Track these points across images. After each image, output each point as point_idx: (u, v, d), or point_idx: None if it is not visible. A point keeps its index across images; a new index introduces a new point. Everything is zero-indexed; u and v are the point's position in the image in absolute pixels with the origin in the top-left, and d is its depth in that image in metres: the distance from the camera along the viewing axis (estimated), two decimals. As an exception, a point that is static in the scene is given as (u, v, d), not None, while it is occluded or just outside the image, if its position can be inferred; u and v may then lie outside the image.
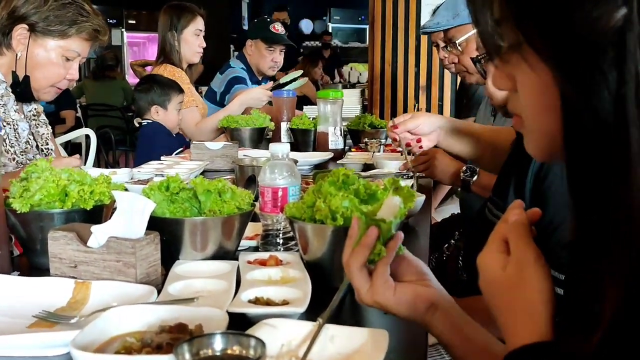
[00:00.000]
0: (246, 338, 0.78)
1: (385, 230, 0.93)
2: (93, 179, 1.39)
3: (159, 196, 1.32)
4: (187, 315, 0.94)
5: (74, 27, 2.08)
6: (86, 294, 1.15)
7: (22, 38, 2.07)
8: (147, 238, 1.19)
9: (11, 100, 2.10)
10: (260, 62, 4.04)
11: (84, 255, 1.21)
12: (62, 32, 2.07)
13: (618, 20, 0.58)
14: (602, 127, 0.61)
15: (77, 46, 2.11)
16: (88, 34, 2.12)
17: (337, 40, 11.34)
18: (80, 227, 1.25)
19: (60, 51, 2.09)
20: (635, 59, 0.58)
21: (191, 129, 3.44)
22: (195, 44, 3.57)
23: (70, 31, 2.08)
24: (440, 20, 2.53)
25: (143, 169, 2.36)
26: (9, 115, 2.09)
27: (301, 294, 1.12)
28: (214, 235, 1.31)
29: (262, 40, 4.02)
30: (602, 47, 0.59)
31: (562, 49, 0.62)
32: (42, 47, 2.08)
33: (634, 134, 0.59)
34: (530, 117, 0.72)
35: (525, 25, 0.64)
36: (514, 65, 0.70)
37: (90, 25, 2.11)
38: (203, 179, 1.34)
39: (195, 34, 3.56)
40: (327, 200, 1.22)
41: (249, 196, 1.38)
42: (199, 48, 3.59)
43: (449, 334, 0.93)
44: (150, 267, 1.19)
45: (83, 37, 2.11)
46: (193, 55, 3.59)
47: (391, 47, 5.09)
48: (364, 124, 3.13)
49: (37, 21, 2.06)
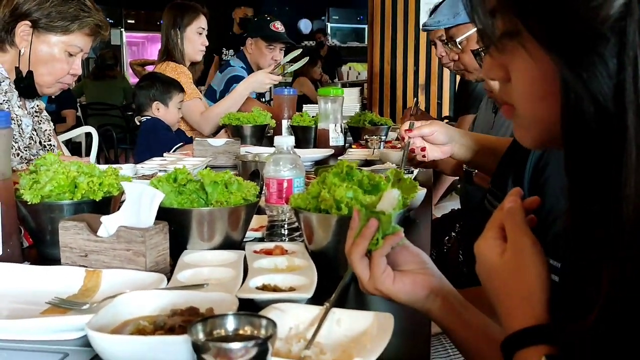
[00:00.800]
0: (257, 318, 0.81)
1: (385, 222, 0.98)
2: (102, 171, 1.41)
3: (167, 187, 1.34)
4: (198, 300, 0.97)
5: (76, 23, 2.11)
6: (97, 282, 1.17)
7: (25, 35, 2.09)
8: (156, 227, 1.22)
9: (15, 96, 2.13)
10: (261, 60, 4.07)
11: (95, 245, 1.23)
12: (65, 28, 2.10)
13: (619, 8, 0.60)
14: (601, 113, 0.63)
15: (80, 41, 2.14)
16: (90, 29, 2.15)
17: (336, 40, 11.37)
18: (90, 218, 1.28)
19: (63, 47, 2.12)
20: (634, 46, 0.60)
21: (196, 117, 3.47)
22: (198, 42, 3.60)
23: (72, 27, 2.11)
24: (441, 18, 2.56)
25: (147, 164, 2.38)
26: (13, 110, 2.12)
27: (307, 280, 1.15)
28: (221, 225, 1.33)
29: (262, 38, 4.05)
30: (603, 34, 0.61)
31: (563, 36, 0.64)
32: (45, 43, 2.11)
33: (631, 119, 0.62)
34: (525, 105, 0.74)
35: (525, 13, 0.66)
36: (509, 54, 0.72)
37: (92, 21, 2.14)
38: (210, 171, 1.37)
39: (198, 32, 3.59)
40: (331, 191, 1.25)
41: (254, 188, 1.41)
42: (201, 46, 3.62)
43: (449, 319, 0.96)
44: (159, 255, 1.22)
45: (85, 33, 2.14)
46: (196, 54, 3.62)
47: (390, 46, 5.12)
48: (364, 121, 3.16)
49: (40, 17, 2.09)
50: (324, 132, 2.96)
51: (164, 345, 0.84)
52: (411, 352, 0.98)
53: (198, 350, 0.75)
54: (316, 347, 0.91)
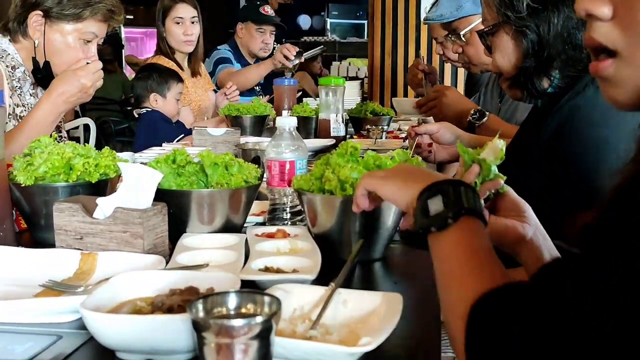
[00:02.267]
0: (260, 296, 0.76)
1: (485, 169, 1.04)
2: (98, 153, 1.37)
3: (165, 169, 1.30)
4: (198, 280, 0.93)
5: (88, 9, 2.07)
6: (93, 264, 1.13)
7: (38, 25, 2.05)
8: (154, 208, 1.18)
9: (27, 84, 2.10)
10: (251, 44, 4.05)
11: (90, 227, 1.19)
12: (77, 15, 2.06)
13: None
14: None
15: (94, 27, 2.10)
16: (103, 15, 2.11)
17: (336, 36, 11.31)
18: (85, 200, 1.23)
19: (77, 35, 2.08)
20: None
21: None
22: (177, 32, 3.45)
23: (84, 13, 2.07)
24: (444, 12, 2.51)
25: (145, 153, 2.34)
26: (24, 98, 2.09)
27: (311, 262, 1.11)
28: (221, 208, 1.29)
29: (252, 22, 4.02)
30: None
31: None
32: (58, 32, 2.07)
33: None
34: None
35: None
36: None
37: (104, 6, 2.10)
38: (210, 152, 1.33)
39: (175, 22, 3.46)
40: (336, 171, 1.21)
41: (255, 170, 1.37)
42: (183, 37, 3.46)
43: (532, 266, 1.02)
44: (157, 237, 1.18)
45: (98, 19, 2.10)
46: (179, 45, 3.49)
47: (391, 39, 5.08)
48: (365, 111, 3.11)
49: (51, 6, 2.05)
50: (325, 122, 2.91)
51: (162, 325, 0.80)
52: (421, 334, 0.93)
53: (198, 329, 0.71)
54: (322, 328, 0.86)
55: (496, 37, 1.45)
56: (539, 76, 1.40)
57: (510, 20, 1.39)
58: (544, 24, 1.36)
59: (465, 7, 2.43)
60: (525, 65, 1.40)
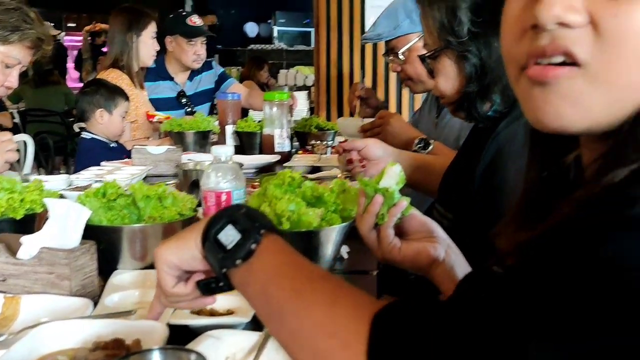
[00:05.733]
0: (186, 353, 0.73)
1: (388, 197, 1.09)
2: (24, 187, 1.31)
3: (95, 203, 1.25)
4: (124, 330, 0.89)
5: (17, 34, 1.99)
6: (16, 309, 1.07)
7: None
8: (82, 248, 1.13)
9: None
10: (183, 57, 3.95)
11: (14, 268, 1.13)
12: (4, 38, 1.98)
13: None
14: None
15: (18, 53, 2.02)
16: (31, 42, 2.03)
17: (283, 44, 11.29)
18: (10, 238, 1.17)
19: (0, 57, 2.00)
20: None
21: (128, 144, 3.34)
22: (152, 47, 3.56)
23: (12, 37, 1.98)
24: (381, 31, 2.49)
25: (82, 175, 2.27)
26: None
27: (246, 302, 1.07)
28: (155, 243, 1.24)
29: (182, 35, 3.93)
30: None
31: None
32: None
33: None
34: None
35: None
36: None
37: (34, 33, 2.02)
38: (142, 184, 1.28)
39: (152, 37, 3.54)
40: (272, 204, 1.18)
41: (191, 201, 1.33)
42: (154, 51, 3.58)
43: (447, 286, 1.04)
44: (86, 278, 1.13)
45: (26, 45, 2.02)
46: (149, 58, 3.56)
47: (336, 49, 5.08)
48: (310, 126, 3.09)
49: None
50: (269, 137, 2.88)
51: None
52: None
53: (118, 393, 0.67)
54: (254, 379, 0.83)
55: (438, 61, 1.44)
56: (481, 100, 1.39)
57: (451, 45, 1.38)
58: (485, 48, 1.35)
59: (402, 26, 2.42)
60: (468, 90, 1.39)
